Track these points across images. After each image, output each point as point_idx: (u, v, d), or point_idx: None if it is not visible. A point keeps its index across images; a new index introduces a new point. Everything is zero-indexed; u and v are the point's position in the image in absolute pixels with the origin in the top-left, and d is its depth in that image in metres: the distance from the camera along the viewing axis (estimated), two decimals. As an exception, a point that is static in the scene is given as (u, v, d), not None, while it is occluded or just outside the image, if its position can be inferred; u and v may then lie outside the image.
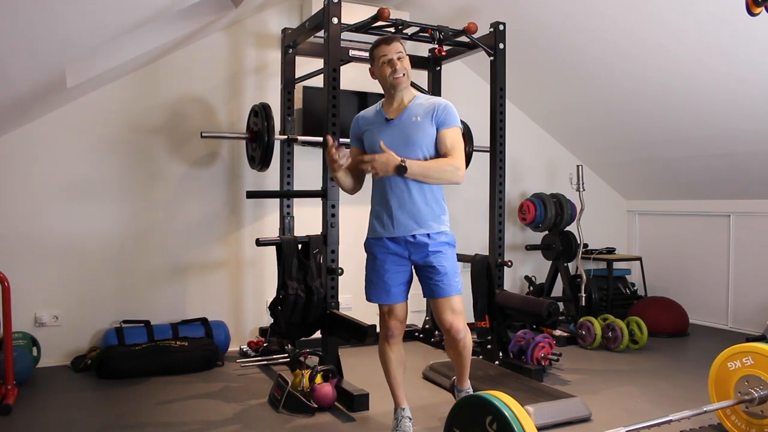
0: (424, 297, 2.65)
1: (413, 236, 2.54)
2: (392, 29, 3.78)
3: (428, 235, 2.54)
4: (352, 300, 4.48)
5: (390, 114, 2.59)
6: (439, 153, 2.55)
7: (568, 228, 4.90)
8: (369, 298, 2.65)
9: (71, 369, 3.66)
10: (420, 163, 2.46)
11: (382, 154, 2.43)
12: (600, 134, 5.11)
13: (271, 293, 3.41)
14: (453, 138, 2.52)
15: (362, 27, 3.67)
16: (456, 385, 2.85)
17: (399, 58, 2.53)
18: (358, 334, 2.93)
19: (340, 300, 3.33)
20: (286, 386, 3.01)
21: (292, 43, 4.06)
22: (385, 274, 2.58)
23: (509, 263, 3.87)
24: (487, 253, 3.91)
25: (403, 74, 2.54)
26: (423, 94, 2.66)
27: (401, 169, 2.41)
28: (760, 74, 3.62)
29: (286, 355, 3.87)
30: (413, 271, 2.64)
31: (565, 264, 4.87)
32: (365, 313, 4.42)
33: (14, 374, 3.04)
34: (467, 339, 2.62)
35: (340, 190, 3.01)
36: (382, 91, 2.62)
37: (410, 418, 2.69)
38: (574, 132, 5.30)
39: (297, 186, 4.21)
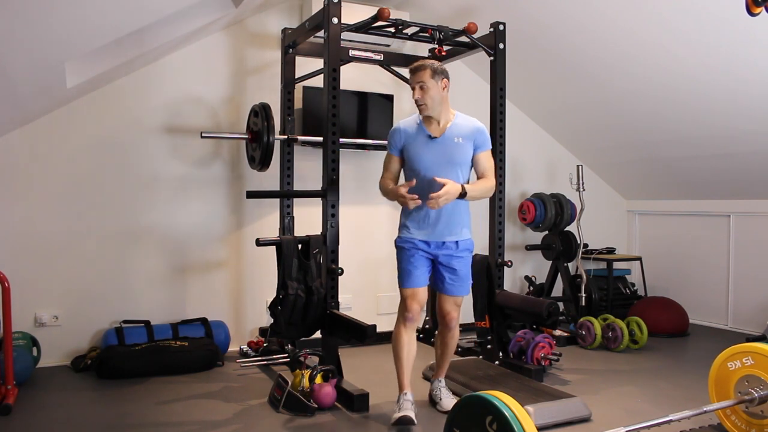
0: (433, 287, 2.98)
1: (443, 242, 2.86)
2: (392, 29, 3.78)
3: (456, 242, 2.88)
4: (352, 300, 4.49)
5: (433, 132, 2.86)
6: (476, 171, 2.92)
7: (568, 228, 4.90)
8: (402, 285, 2.91)
9: (71, 369, 3.66)
10: (472, 187, 2.79)
11: (445, 188, 2.67)
12: (600, 134, 5.11)
13: (271, 293, 3.41)
14: (490, 160, 2.91)
15: (362, 27, 3.67)
16: (436, 378, 3.12)
17: (421, 87, 2.79)
18: (358, 334, 2.93)
19: (340, 300, 3.33)
20: (286, 386, 3.01)
21: (292, 43, 4.06)
22: (411, 263, 2.87)
23: (509, 263, 3.87)
24: (487, 253, 3.91)
25: (423, 104, 2.80)
26: (461, 114, 2.93)
27: (462, 196, 2.74)
28: (760, 74, 3.62)
29: (286, 355, 3.87)
30: (433, 262, 2.94)
31: (565, 264, 4.87)
32: (365, 313, 4.45)
33: (14, 374, 3.04)
34: (456, 331, 3.00)
35: (341, 191, 3.29)
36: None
37: (412, 402, 2.86)
38: (574, 132, 5.30)
39: (297, 186, 4.21)
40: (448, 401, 3.00)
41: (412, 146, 2.87)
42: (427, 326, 4.52)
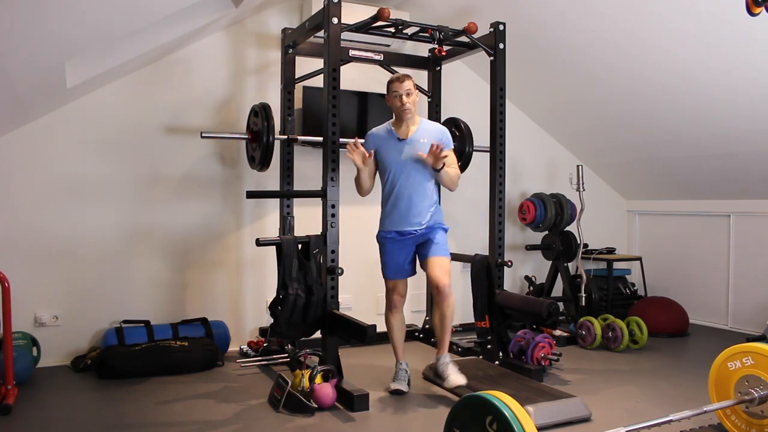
0: (421, 267, 3.26)
1: (415, 231, 3.22)
2: (392, 29, 3.78)
3: (428, 227, 3.23)
4: (352, 300, 4.48)
5: (401, 135, 3.25)
6: None
7: (568, 228, 4.90)
8: (383, 275, 3.35)
9: (71, 369, 3.66)
10: (447, 169, 3.19)
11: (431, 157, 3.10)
12: (600, 134, 5.11)
13: (271, 293, 3.41)
14: (453, 157, 3.31)
15: (362, 27, 3.67)
16: (440, 354, 3.27)
17: (408, 94, 3.19)
18: (358, 334, 2.92)
19: (340, 300, 3.33)
20: (286, 386, 3.01)
21: (292, 43, 4.06)
22: (388, 256, 3.29)
23: (509, 263, 3.87)
24: (487, 253, 3.91)
25: (408, 108, 3.20)
26: (425, 120, 3.36)
27: (442, 166, 3.14)
28: (760, 74, 3.62)
29: (286, 355, 3.87)
30: (415, 252, 3.29)
31: (565, 264, 4.87)
32: (365, 313, 4.44)
33: (14, 374, 3.04)
34: (452, 299, 3.20)
35: (341, 191, 3.35)
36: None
37: (406, 371, 3.31)
38: (574, 132, 5.30)
39: (297, 186, 4.21)
40: (455, 377, 3.12)
41: (383, 148, 3.26)
42: (426, 326, 4.52)
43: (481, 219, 4.21)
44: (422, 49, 4.55)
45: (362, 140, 3.30)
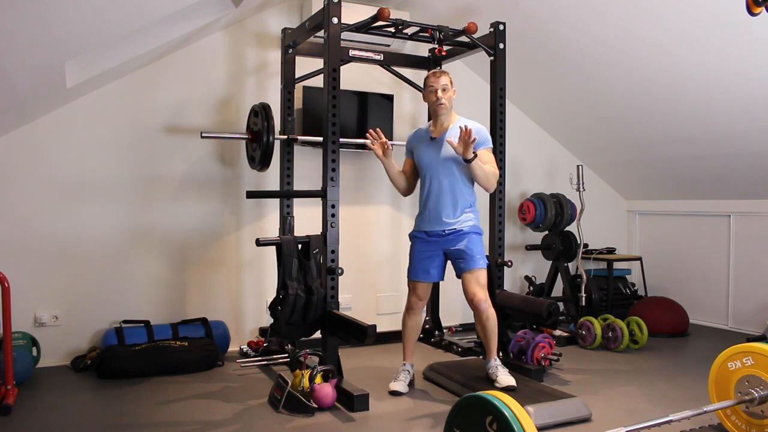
0: (457, 276, 3.20)
1: (443, 231, 3.17)
2: (392, 29, 3.78)
3: (455, 230, 3.15)
4: (352, 300, 4.49)
5: (434, 133, 3.22)
6: None
7: (568, 228, 4.90)
8: (407, 275, 3.32)
9: (71, 369, 3.66)
10: (481, 163, 3.06)
11: (459, 143, 2.98)
12: (600, 134, 5.11)
13: (271, 293, 3.41)
14: (490, 155, 3.19)
15: (362, 27, 3.67)
16: (488, 358, 3.26)
17: (444, 90, 3.14)
18: (358, 334, 2.92)
19: (340, 300, 3.33)
20: (286, 386, 3.01)
21: (292, 43, 4.06)
22: (414, 257, 3.28)
23: (509, 263, 3.87)
24: (487, 253, 3.91)
25: (443, 103, 3.14)
26: (463, 118, 3.24)
27: (472, 158, 3.00)
28: (760, 74, 3.62)
29: (286, 355, 3.87)
30: (444, 257, 3.24)
31: (565, 264, 4.87)
32: (365, 313, 4.44)
33: (14, 374, 3.04)
34: (490, 312, 3.15)
35: (341, 191, 3.33)
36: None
37: (409, 372, 3.33)
38: (574, 132, 5.30)
39: (297, 186, 4.21)
40: (504, 378, 3.15)
41: (417, 147, 3.27)
42: (427, 326, 4.52)
43: (481, 219, 4.20)
44: (422, 49, 4.55)
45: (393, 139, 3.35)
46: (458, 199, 3.16)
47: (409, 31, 3.86)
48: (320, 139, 3.52)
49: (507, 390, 3.04)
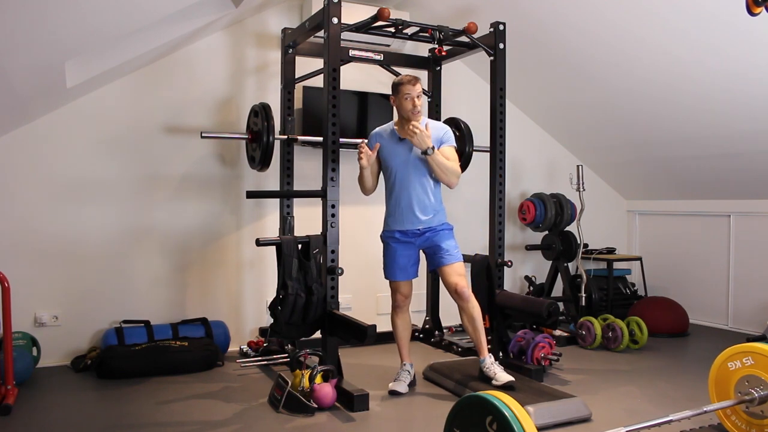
0: (431, 271, 3.30)
1: (418, 230, 3.23)
2: (392, 29, 3.78)
3: (430, 227, 3.23)
4: (352, 300, 4.49)
5: (402, 134, 3.23)
6: None
7: (568, 228, 4.90)
8: (385, 276, 3.36)
9: (71, 369, 3.66)
10: (441, 156, 3.14)
11: (424, 132, 3.07)
12: (600, 134, 5.11)
13: (271, 293, 3.41)
14: (453, 153, 3.26)
15: (362, 27, 3.66)
16: (481, 356, 3.27)
17: (418, 97, 3.18)
18: (358, 334, 2.92)
19: (340, 300, 3.33)
20: (286, 386, 3.01)
21: (292, 43, 4.06)
22: (389, 257, 3.31)
23: (509, 263, 3.87)
24: (487, 253, 3.91)
25: (420, 111, 3.19)
26: (428, 119, 3.31)
27: (430, 150, 3.10)
28: (760, 74, 3.62)
29: (286, 355, 3.87)
30: (419, 254, 3.30)
31: (565, 264, 4.87)
32: (365, 313, 4.44)
33: (14, 374, 3.04)
34: (473, 301, 3.22)
35: (341, 191, 3.35)
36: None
37: (409, 372, 3.34)
38: (574, 132, 5.30)
39: (297, 186, 4.21)
40: (503, 376, 3.15)
41: (385, 147, 3.28)
42: (426, 326, 4.52)
43: (481, 219, 4.21)
44: (422, 49, 4.55)
45: (366, 141, 3.32)
46: (431, 197, 3.24)
47: (409, 31, 3.86)
48: (320, 139, 3.52)
49: (506, 387, 3.06)
